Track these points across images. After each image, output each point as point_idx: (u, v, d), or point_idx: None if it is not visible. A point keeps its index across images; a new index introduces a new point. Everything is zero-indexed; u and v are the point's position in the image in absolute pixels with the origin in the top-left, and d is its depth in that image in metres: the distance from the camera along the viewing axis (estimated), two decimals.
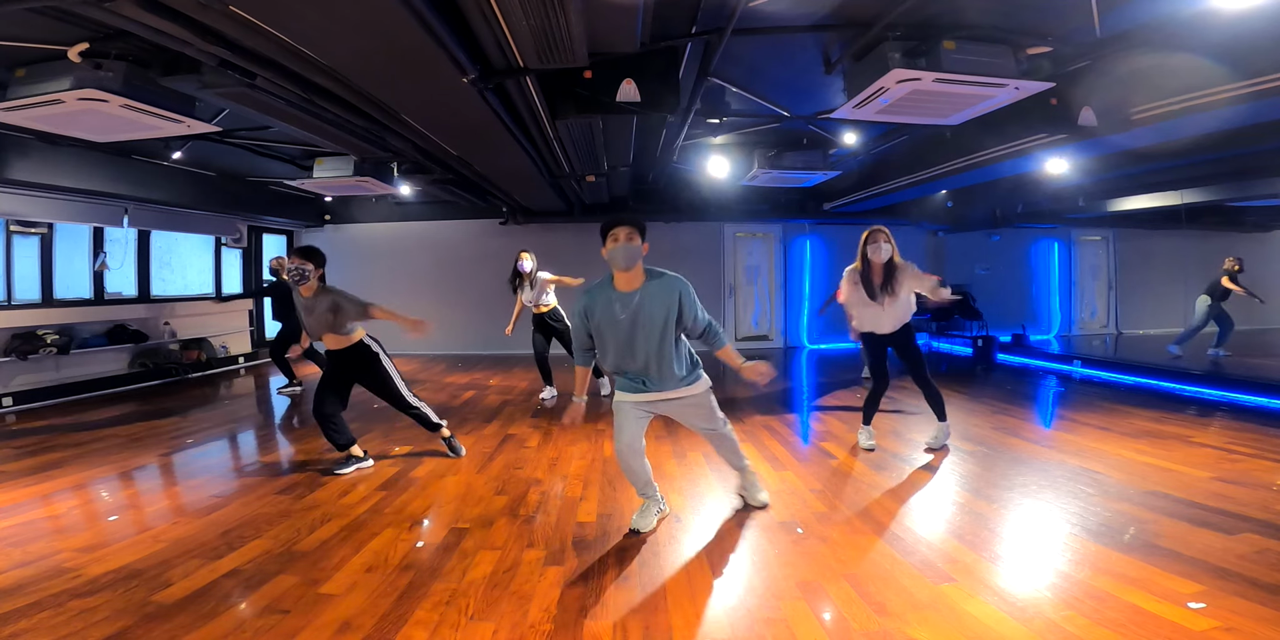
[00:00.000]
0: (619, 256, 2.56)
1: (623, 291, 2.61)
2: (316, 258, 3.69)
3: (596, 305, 2.65)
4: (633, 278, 2.60)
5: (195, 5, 2.60)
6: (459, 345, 9.90)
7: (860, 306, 4.01)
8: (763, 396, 6.11)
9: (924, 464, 3.84)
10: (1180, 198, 7.98)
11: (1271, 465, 3.63)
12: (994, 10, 3.36)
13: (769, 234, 10.44)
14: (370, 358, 3.83)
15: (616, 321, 2.61)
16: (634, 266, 2.58)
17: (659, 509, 2.97)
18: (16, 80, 3.42)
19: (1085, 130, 4.33)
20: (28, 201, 5.84)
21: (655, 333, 2.59)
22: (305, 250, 3.68)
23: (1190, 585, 2.24)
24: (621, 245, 2.54)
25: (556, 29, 2.83)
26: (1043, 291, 11.04)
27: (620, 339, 2.63)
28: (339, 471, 3.75)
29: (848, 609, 2.16)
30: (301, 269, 3.61)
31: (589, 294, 2.68)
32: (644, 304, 2.58)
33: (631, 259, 2.56)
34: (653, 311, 2.58)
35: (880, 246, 3.84)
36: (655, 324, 2.58)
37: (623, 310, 2.59)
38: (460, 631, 2.05)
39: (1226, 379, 5.86)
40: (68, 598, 2.26)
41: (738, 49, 3.95)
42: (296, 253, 3.66)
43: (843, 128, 5.90)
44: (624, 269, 2.58)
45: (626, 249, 2.54)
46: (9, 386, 5.84)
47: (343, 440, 3.82)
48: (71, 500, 3.37)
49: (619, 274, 2.62)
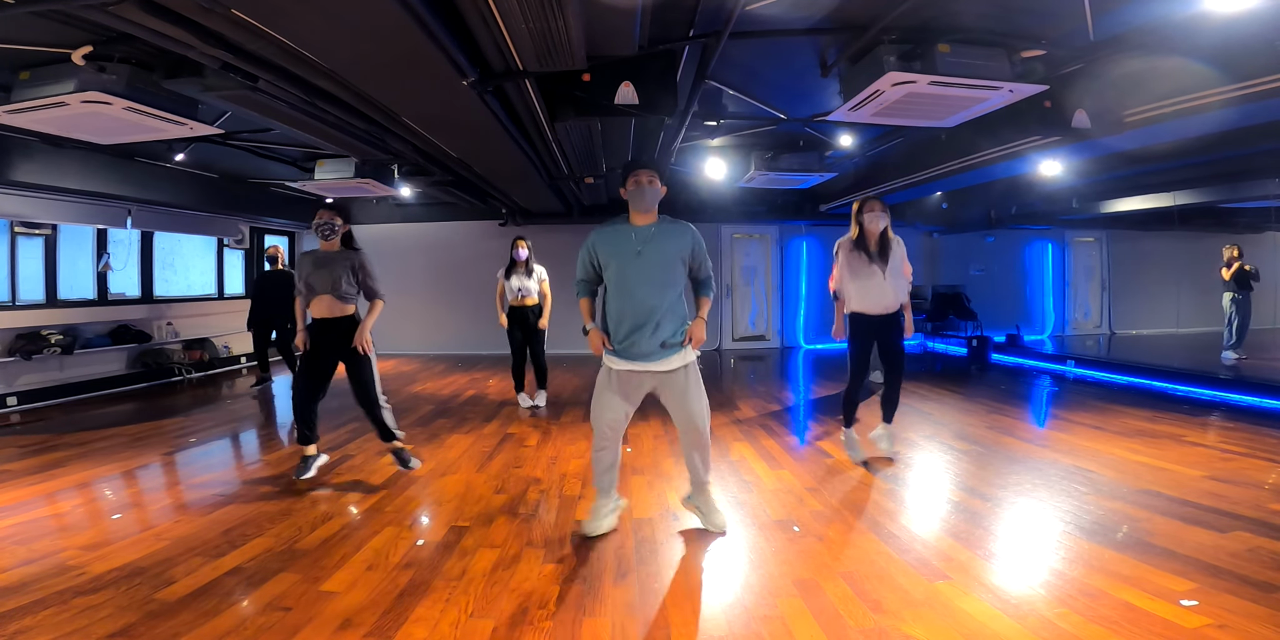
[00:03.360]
0: (642, 197, 2.71)
1: (638, 225, 2.75)
2: (345, 213, 3.69)
3: (607, 237, 2.77)
4: (649, 217, 2.77)
5: (198, 8, 2.62)
6: (459, 345, 9.93)
7: (855, 280, 3.75)
8: (761, 396, 6.14)
9: (919, 463, 3.86)
10: (1173, 199, 8.03)
11: (1264, 464, 3.66)
12: (988, 14, 3.39)
13: (766, 235, 10.48)
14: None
15: (628, 252, 2.70)
16: (653, 208, 2.76)
17: (615, 505, 2.91)
18: (21, 83, 3.44)
19: (1079, 132, 4.36)
20: (32, 203, 5.86)
21: (664, 269, 2.69)
22: (336, 205, 3.69)
23: (1183, 583, 2.26)
24: (644, 186, 2.70)
25: (555, 32, 2.86)
26: (1037, 292, 11.10)
27: (628, 272, 2.70)
28: (303, 476, 3.61)
29: (844, 606, 2.18)
30: (330, 223, 3.60)
31: (600, 230, 2.81)
32: (658, 237, 2.71)
33: (653, 199, 2.72)
34: (664, 246, 2.70)
35: (878, 215, 3.68)
36: (665, 259, 2.70)
37: (637, 241, 2.71)
38: (460, 628, 2.07)
39: (1220, 379, 5.89)
40: (71, 595, 2.28)
41: (735, 52, 3.98)
42: (326, 207, 3.66)
43: (839, 130, 5.94)
44: (644, 210, 2.74)
45: (649, 190, 2.71)
46: (14, 386, 5.87)
47: (313, 435, 3.66)
48: (75, 499, 3.39)
49: (636, 213, 2.77)
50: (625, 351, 2.73)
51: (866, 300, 3.75)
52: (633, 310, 2.69)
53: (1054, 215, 9.83)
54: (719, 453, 4.09)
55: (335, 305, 3.58)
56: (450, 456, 4.14)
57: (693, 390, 2.79)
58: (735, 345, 10.37)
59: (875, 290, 3.72)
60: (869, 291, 3.73)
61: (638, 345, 2.69)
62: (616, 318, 2.74)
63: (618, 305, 2.74)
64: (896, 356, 3.82)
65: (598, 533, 2.80)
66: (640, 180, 2.70)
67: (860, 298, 3.76)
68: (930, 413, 5.27)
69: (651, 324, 2.68)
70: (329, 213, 3.63)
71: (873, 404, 4.35)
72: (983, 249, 10.61)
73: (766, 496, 3.29)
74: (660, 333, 2.69)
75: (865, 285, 3.73)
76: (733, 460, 3.96)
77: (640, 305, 2.68)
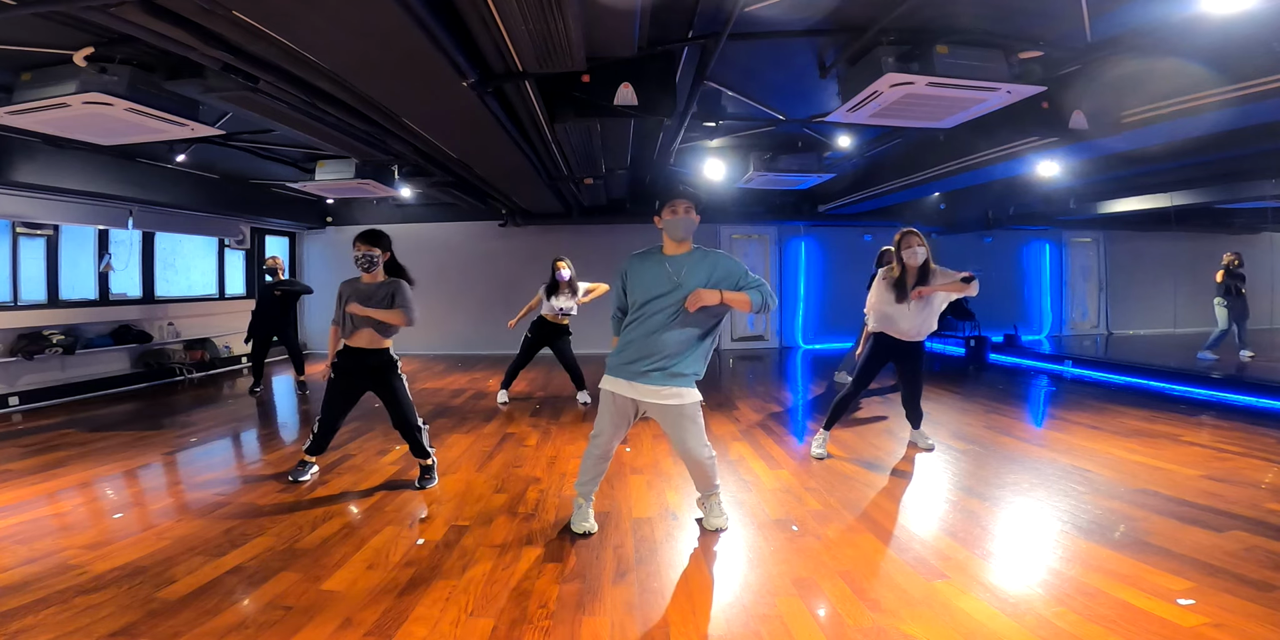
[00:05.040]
0: (678, 227, 2.69)
1: (671, 255, 2.74)
2: (383, 241, 3.42)
3: (640, 266, 2.76)
4: (684, 247, 2.75)
5: (199, 10, 2.64)
6: (459, 345, 9.95)
7: (885, 306, 3.85)
8: (760, 396, 6.15)
9: (918, 463, 3.88)
10: (1169, 200, 8.06)
11: (1260, 463, 3.67)
12: (986, 15, 3.40)
13: (764, 236, 10.50)
14: (390, 364, 3.57)
15: (660, 282, 2.67)
16: (689, 238, 2.74)
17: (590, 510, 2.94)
18: (23, 84, 3.46)
19: (1076, 133, 4.38)
20: (34, 203, 5.87)
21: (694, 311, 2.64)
22: (370, 234, 3.40)
23: (1180, 582, 2.28)
24: (681, 217, 2.69)
25: (555, 34, 2.87)
26: (1034, 292, 11.12)
27: (655, 303, 2.66)
28: (299, 479, 3.61)
29: (842, 605, 2.19)
30: (369, 255, 3.37)
31: (634, 257, 2.80)
32: (690, 267, 2.68)
33: (689, 230, 2.71)
34: (696, 275, 2.66)
35: (915, 250, 3.73)
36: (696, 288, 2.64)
37: (671, 270, 2.68)
38: (460, 627, 2.09)
39: (1216, 379, 5.90)
40: (73, 594, 2.29)
41: (734, 53, 3.99)
42: (361, 238, 3.39)
43: (837, 131, 5.95)
44: (680, 239, 2.72)
45: (686, 221, 2.70)
46: (15, 386, 5.87)
47: (324, 449, 3.67)
48: (76, 498, 3.40)
49: (670, 243, 2.75)
50: (621, 369, 2.71)
51: (894, 327, 3.88)
52: (646, 343, 2.65)
53: (1051, 216, 9.86)
54: (718, 452, 4.07)
55: (375, 338, 3.46)
56: (450, 456, 4.16)
57: (690, 429, 2.72)
58: (734, 345, 10.39)
59: (904, 322, 3.83)
60: (898, 321, 3.85)
61: (635, 361, 2.67)
62: (626, 341, 2.73)
63: (632, 334, 2.71)
64: (914, 377, 4.00)
65: (589, 530, 2.84)
66: (678, 210, 2.68)
67: (886, 323, 3.89)
68: (928, 412, 5.22)
69: (656, 336, 2.65)
70: (365, 245, 3.37)
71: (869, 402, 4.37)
72: (981, 249, 10.63)
73: (765, 496, 3.31)
74: (665, 347, 2.65)
75: (895, 314, 3.84)
76: (732, 460, 3.97)
77: (662, 334, 2.64)
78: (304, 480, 3.63)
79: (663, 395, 2.66)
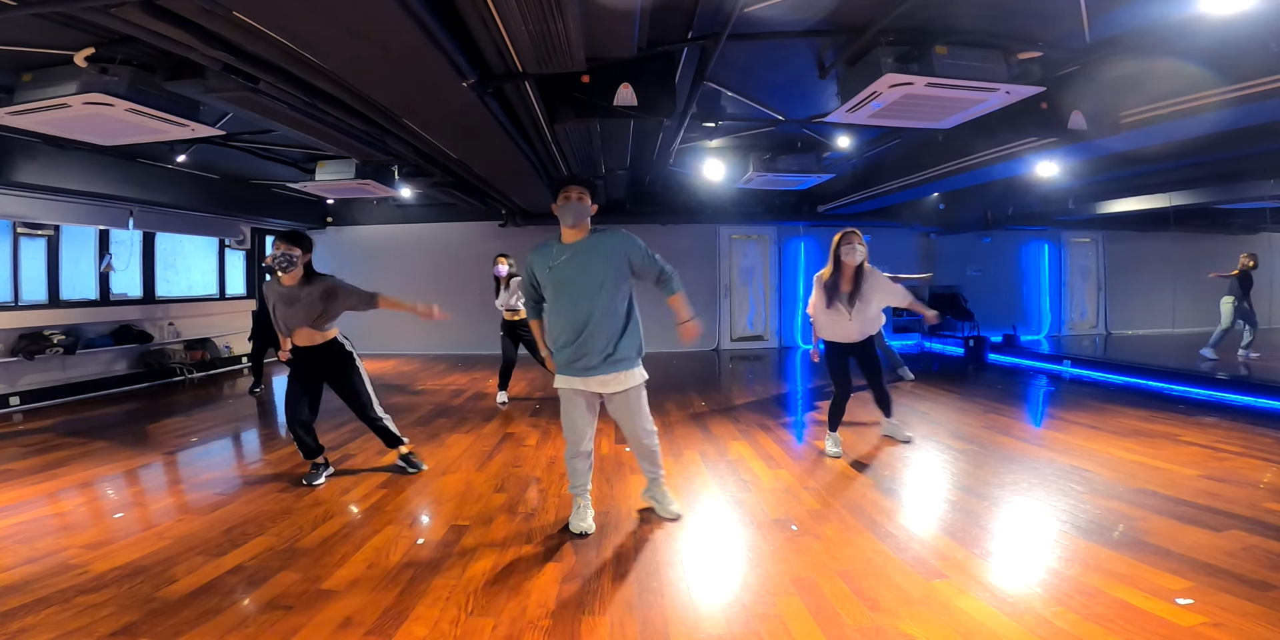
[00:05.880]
0: (569, 213, 2.74)
1: (567, 243, 2.79)
2: (304, 243, 3.44)
3: (541, 256, 2.82)
4: (579, 233, 2.79)
5: (199, 11, 2.65)
6: (459, 345, 9.95)
7: (825, 314, 3.93)
8: (759, 396, 6.15)
9: (916, 462, 3.88)
10: (1168, 200, 8.07)
11: (1258, 463, 3.68)
12: (985, 16, 3.41)
13: (764, 236, 10.51)
14: (344, 357, 3.59)
15: (559, 267, 2.72)
16: (581, 223, 2.77)
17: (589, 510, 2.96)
18: (24, 84, 3.47)
19: (1075, 134, 4.39)
20: (34, 204, 5.88)
21: (597, 283, 2.68)
22: (292, 235, 3.40)
23: (1178, 581, 2.28)
24: (573, 203, 2.73)
25: (555, 34, 2.88)
26: (1033, 292, 11.12)
27: (563, 289, 2.72)
28: (314, 483, 3.56)
29: (841, 605, 2.20)
30: (288, 254, 3.36)
31: (533, 253, 2.85)
32: (586, 251, 2.73)
33: (579, 216, 2.75)
34: (592, 260, 2.71)
35: (855, 248, 3.79)
36: (598, 273, 2.69)
37: (567, 257, 2.73)
38: (460, 627, 2.09)
39: (1215, 379, 5.91)
40: (74, 594, 2.30)
41: (733, 54, 4.00)
42: (282, 237, 3.38)
43: (836, 131, 5.96)
44: (571, 225, 2.77)
45: (577, 207, 2.74)
46: (16, 386, 5.89)
47: (314, 448, 3.62)
48: (77, 498, 3.41)
49: (566, 229, 2.80)
50: (568, 368, 2.76)
51: (834, 332, 3.99)
52: (564, 321, 2.72)
53: (1050, 216, 9.88)
54: (718, 452, 4.13)
55: (314, 334, 3.52)
56: (450, 456, 4.16)
57: (637, 409, 2.83)
58: (733, 345, 10.39)
59: (842, 327, 3.93)
60: (836, 326, 3.95)
61: (579, 359, 2.71)
62: (554, 332, 2.79)
63: (552, 318, 2.79)
64: (871, 364, 4.08)
65: (588, 529, 2.86)
66: (570, 196, 2.73)
67: (829, 329, 4.00)
68: (927, 412, 5.28)
69: (585, 333, 2.68)
70: (285, 244, 3.36)
71: (866, 402, 4.38)
72: (980, 250, 10.64)
73: (764, 495, 3.31)
74: (596, 342, 2.68)
75: (834, 319, 3.94)
76: (731, 459, 3.98)
77: (569, 315, 2.70)
78: (319, 483, 3.59)
79: (614, 383, 2.75)
